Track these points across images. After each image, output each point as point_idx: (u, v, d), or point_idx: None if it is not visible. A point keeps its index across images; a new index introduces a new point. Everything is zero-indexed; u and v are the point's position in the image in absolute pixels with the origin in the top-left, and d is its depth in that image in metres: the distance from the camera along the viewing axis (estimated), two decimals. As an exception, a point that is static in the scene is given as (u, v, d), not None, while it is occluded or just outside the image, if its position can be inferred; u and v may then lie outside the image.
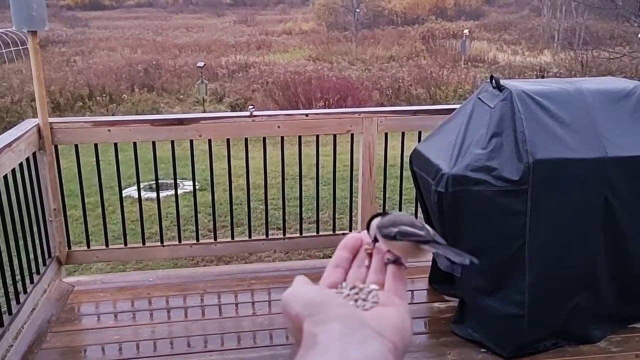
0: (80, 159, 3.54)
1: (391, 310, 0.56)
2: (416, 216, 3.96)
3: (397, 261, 0.64)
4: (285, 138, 3.71)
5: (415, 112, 3.90)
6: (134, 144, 3.58)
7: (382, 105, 14.73)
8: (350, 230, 3.95)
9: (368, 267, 0.64)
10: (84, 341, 3.16)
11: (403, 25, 32.38)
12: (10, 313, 2.91)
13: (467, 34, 23.07)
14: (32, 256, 3.23)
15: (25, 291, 3.11)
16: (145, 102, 16.50)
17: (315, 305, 0.54)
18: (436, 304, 3.31)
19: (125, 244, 3.79)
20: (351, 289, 0.59)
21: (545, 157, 2.62)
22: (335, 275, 0.62)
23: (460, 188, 2.70)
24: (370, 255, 0.65)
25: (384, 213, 0.69)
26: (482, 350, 2.86)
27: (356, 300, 0.57)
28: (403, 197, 4.05)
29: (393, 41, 26.63)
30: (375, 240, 0.67)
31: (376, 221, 0.67)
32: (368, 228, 0.68)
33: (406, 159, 3.47)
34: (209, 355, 2.93)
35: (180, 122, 3.61)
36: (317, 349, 0.49)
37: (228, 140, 3.68)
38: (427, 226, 0.67)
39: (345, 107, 12.56)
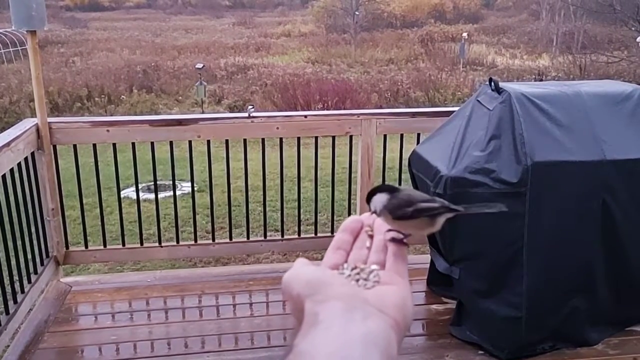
0: (79, 159, 3.53)
1: (392, 289, 0.56)
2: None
3: (399, 239, 0.64)
4: (284, 139, 3.71)
5: (414, 115, 3.90)
6: (133, 144, 3.58)
7: (380, 107, 14.74)
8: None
9: (369, 248, 0.63)
10: (81, 341, 3.15)
11: (402, 28, 32.40)
12: (7, 313, 2.91)
13: (466, 37, 23.13)
14: (29, 256, 3.22)
15: (22, 291, 3.10)
16: (144, 103, 16.50)
17: (316, 285, 0.54)
18: (434, 306, 3.31)
19: (123, 245, 3.79)
20: (352, 269, 0.59)
21: (543, 160, 2.63)
22: (336, 257, 0.62)
23: (459, 190, 2.70)
24: (371, 237, 0.65)
25: (388, 189, 0.69)
26: (480, 352, 2.86)
27: (357, 280, 0.57)
28: (401, 199, 4.05)
29: (392, 44, 26.66)
30: (376, 213, 0.67)
31: (382, 200, 0.67)
32: (369, 201, 0.68)
33: (405, 161, 3.48)
34: (207, 356, 2.92)
35: (179, 122, 3.61)
36: (318, 326, 0.50)
37: (227, 141, 3.68)
38: (439, 199, 0.69)
39: (344, 109, 12.56)
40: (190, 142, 3.61)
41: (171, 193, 3.98)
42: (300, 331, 0.51)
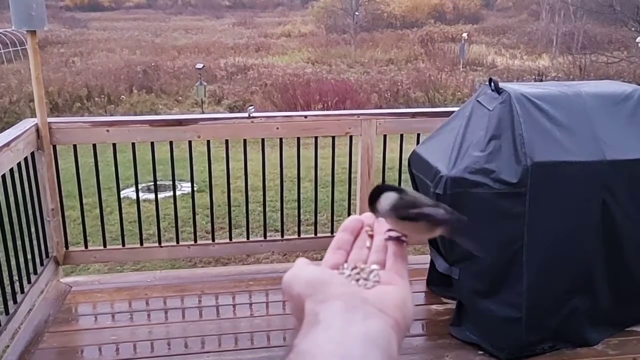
0: (79, 159, 3.53)
1: (392, 289, 0.56)
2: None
3: (399, 238, 0.64)
4: (283, 140, 3.71)
5: (414, 115, 3.90)
6: (133, 144, 3.57)
7: (380, 107, 14.74)
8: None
9: (369, 248, 0.63)
10: (81, 341, 3.15)
11: (402, 28, 32.42)
12: (7, 313, 2.91)
13: (466, 37, 23.16)
14: (29, 256, 3.22)
15: (22, 291, 3.10)
16: (144, 103, 16.51)
17: (317, 285, 0.54)
18: (434, 306, 3.31)
19: (123, 245, 3.79)
20: (352, 269, 0.59)
21: (543, 160, 2.63)
22: (336, 257, 0.62)
23: (459, 190, 2.70)
24: (371, 236, 0.64)
25: (396, 188, 0.68)
26: (480, 352, 2.86)
27: (357, 280, 0.57)
28: (401, 199, 4.05)
29: (392, 44, 26.67)
30: (380, 212, 0.66)
31: (391, 199, 0.66)
32: (372, 202, 0.67)
33: (405, 162, 3.48)
34: (207, 356, 2.92)
35: (179, 122, 3.61)
36: (319, 326, 0.50)
37: (227, 141, 3.68)
38: (443, 205, 0.68)
39: (344, 109, 12.56)
40: (190, 142, 3.61)
41: (171, 193, 3.98)
42: (300, 331, 0.51)
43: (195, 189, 3.89)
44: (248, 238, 3.94)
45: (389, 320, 0.51)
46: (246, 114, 3.61)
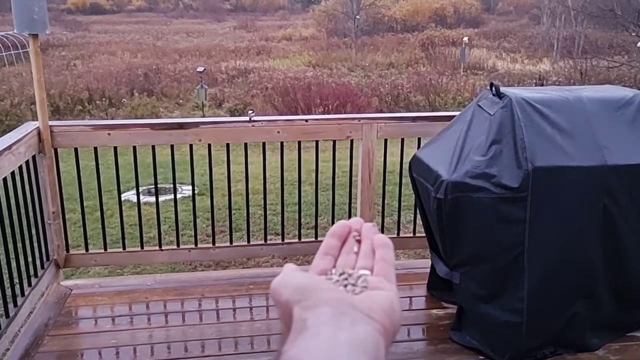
0: (80, 162, 3.54)
1: (381, 294, 0.56)
2: (414, 223, 3.96)
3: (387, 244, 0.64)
4: (284, 143, 3.71)
5: (414, 119, 3.91)
6: (134, 147, 3.58)
7: (381, 111, 14.74)
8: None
9: (357, 253, 0.63)
10: (81, 345, 3.15)
11: (403, 32, 32.47)
12: (7, 316, 2.90)
13: (467, 41, 23.15)
14: (30, 259, 3.22)
15: (22, 294, 3.10)
16: (145, 106, 16.50)
17: (305, 291, 0.54)
18: (434, 311, 3.31)
19: (124, 248, 3.79)
20: (340, 274, 0.59)
21: (544, 165, 2.63)
22: (324, 262, 0.62)
23: (460, 195, 2.70)
24: (358, 242, 0.64)
25: None
26: (481, 357, 2.86)
27: (345, 286, 0.57)
28: (402, 203, 4.06)
29: (392, 48, 26.69)
30: None
31: None
32: None
33: (405, 165, 3.48)
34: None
35: (180, 126, 3.61)
36: (307, 333, 0.50)
37: (227, 145, 3.68)
38: None
39: (345, 113, 12.57)
40: (191, 145, 3.61)
41: (172, 196, 3.98)
42: (288, 337, 0.51)
43: (195, 192, 3.89)
44: (248, 241, 3.94)
45: (377, 326, 0.52)
46: (247, 118, 3.61)
